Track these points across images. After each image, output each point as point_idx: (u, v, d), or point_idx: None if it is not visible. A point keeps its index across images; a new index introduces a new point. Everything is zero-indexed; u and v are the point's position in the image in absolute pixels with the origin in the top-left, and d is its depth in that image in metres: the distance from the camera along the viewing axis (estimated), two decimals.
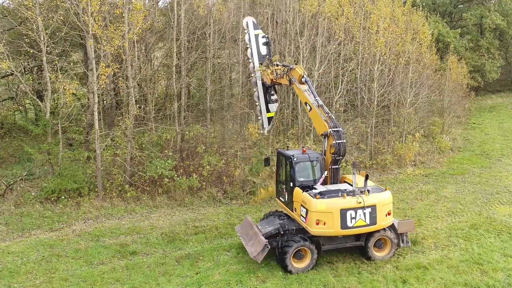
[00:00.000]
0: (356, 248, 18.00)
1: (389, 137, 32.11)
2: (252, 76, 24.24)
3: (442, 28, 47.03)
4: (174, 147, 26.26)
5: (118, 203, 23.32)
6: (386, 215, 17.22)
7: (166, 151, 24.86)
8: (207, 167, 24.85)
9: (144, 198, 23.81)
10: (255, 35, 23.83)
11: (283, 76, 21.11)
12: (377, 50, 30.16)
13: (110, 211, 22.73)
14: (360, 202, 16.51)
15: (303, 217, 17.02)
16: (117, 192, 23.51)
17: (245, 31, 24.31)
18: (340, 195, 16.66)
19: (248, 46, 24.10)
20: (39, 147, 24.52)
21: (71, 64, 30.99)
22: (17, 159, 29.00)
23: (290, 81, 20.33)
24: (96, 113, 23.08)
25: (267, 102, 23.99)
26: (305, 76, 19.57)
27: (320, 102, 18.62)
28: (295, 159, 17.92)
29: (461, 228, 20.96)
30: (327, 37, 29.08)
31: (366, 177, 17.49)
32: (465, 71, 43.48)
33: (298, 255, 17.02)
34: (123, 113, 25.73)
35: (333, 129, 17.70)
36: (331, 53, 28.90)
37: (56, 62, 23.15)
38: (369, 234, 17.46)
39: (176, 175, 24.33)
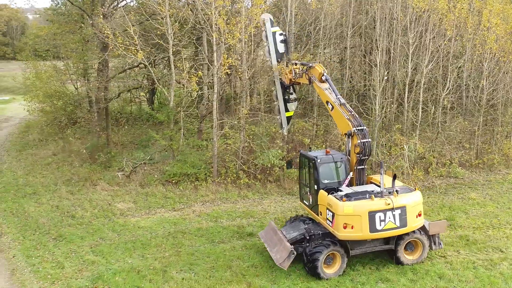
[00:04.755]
0: (385, 251, 17.36)
1: (496, 137, 31.23)
2: (270, 75, 23.36)
3: None
4: (282, 138, 27.29)
5: (232, 188, 24.75)
6: (417, 217, 16.48)
7: (277, 141, 25.93)
8: None
9: (256, 185, 25.03)
10: (272, 32, 22.64)
11: (302, 75, 20.31)
12: (488, 47, 29.45)
13: (225, 195, 24.22)
14: (389, 204, 15.74)
15: (329, 221, 16.26)
16: (232, 178, 24.88)
17: (262, 28, 23.16)
18: (367, 196, 15.95)
19: (265, 44, 23.13)
20: (163, 133, 26.47)
21: (181, 59, 32.99)
22: (136, 145, 31.38)
23: (309, 80, 19.58)
24: (215, 103, 24.55)
25: (285, 102, 23.07)
26: (325, 74, 18.77)
27: (342, 100, 17.84)
28: (318, 160, 17.13)
29: None
30: (437, 33, 28.79)
31: (394, 177, 16.77)
32: None
33: (328, 260, 16.40)
34: (236, 104, 27.10)
35: (357, 128, 16.93)
36: (441, 50, 28.60)
37: (182, 55, 24.92)
38: (399, 237, 16.75)
39: (285, 165, 25.36)
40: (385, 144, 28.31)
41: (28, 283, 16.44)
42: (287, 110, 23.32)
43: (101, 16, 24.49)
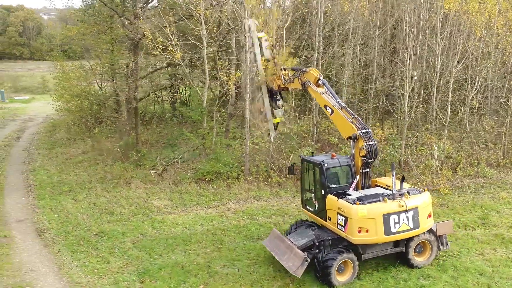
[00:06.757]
0: (394, 254, 17.04)
1: None
2: (257, 81, 22.69)
3: None
4: (311, 137, 27.57)
5: (264, 186, 25.06)
6: (428, 217, 16.43)
7: (309, 140, 26.22)
8: None
9: (287, 184, 25.32)
10: (258, 38, 22.07)
11: (293, 81, 19.73)
12: None
13: (257, 194, 24.54)
14: (402, 206, 15.64)
15: (341, 226, 15.87)
16: (263, 177, 25.18)
17: (247, 34, 22.90)
18: (380, 199, 15.76)
19: (251, 50, 22.78)
20: (196, 132, 26.81)
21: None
22: (163, 144, 31.77)
23: (303, 85, 18.95)
24: (247, 103, 24.83)
25: (272, 108, 22.38)
26: (321, 78, 18.29)
27: (343, 104, 17.52)
28: (325, 165, 16.74)
29: None
30: (467, 34, 28.93)
31: (402, 179, 16.58)
32: None
33: (340, 268, 16.03)
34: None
35: (362, 131, 16.59)
36: (470, 50, 28.74)
37: (216, 55, 25.27)
38: (409, 239, 16.53)
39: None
40: (413, 144, 28.51)
41: (76, 277, 16.79)
42: (274, 117, 22.67)
43: (140, 17, 24.85)
